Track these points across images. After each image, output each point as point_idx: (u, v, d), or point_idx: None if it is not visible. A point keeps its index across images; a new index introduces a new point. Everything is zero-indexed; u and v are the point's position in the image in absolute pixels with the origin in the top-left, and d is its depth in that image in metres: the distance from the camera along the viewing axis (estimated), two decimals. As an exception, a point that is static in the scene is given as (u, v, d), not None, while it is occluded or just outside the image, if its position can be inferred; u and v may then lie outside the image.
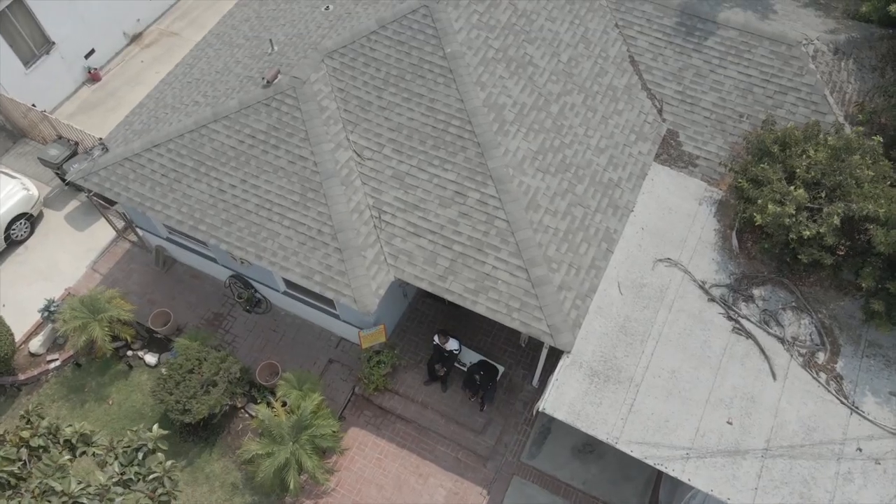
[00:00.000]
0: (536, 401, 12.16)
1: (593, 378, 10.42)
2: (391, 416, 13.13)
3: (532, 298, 10.74)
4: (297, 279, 11.26)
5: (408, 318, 13.93)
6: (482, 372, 12.17)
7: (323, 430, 11.45)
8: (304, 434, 11.32)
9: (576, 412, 10.15)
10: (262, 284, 13.40)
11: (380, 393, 13.15)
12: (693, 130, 12.74)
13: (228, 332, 13.97)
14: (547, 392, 10.34)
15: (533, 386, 13.30)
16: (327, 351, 13.70)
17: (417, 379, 13.19)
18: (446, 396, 13.00)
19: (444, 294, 11.00)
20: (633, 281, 11.28)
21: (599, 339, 10.75)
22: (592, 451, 12.47)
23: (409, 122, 11.87)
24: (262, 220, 11.61)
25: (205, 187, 11.96)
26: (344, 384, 13.36)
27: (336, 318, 12.95)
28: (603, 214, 11.68)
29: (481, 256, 11.04)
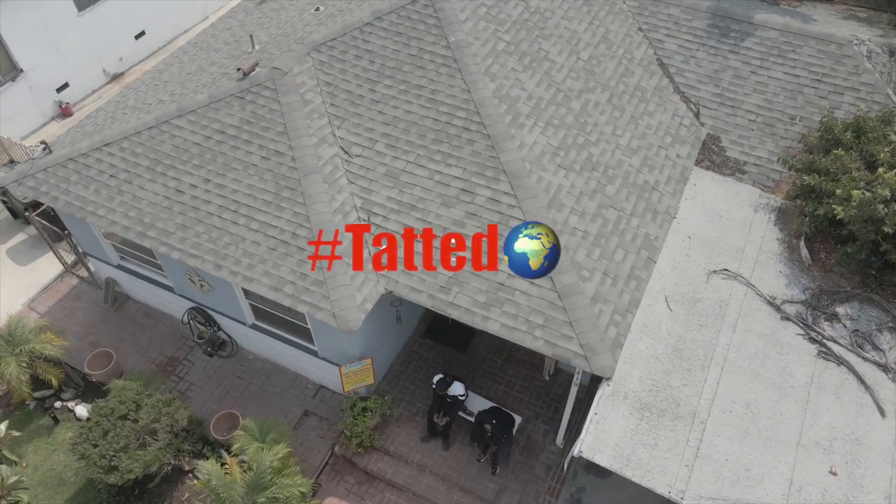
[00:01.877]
0: (562, 462, 9.60)
1: (643, 412, 7.92)
2: (379, 483, 10.37)
3: (559, 312, 8.43)
4: (263, 291, 8.99)
5: (402, 362, 11.46)
6: (494, 421, 9.60)
7: (287, 492, 8.73)
8: (261, 496, 8.59)
9: (623, 457, 7.57)
10: (225, 317, 11.06)
11: (365, 452, 10.46)
12: (737, 135, 10.94)
13: (183, 378, 11.46)
14: (585, 431, 7.80)
15: (557, 445, 10.65)
16: (302, 401, 11.13)
17: (413, 435, 10.55)
18: (449, 456, 10.31)
19: (448, 310, 8.70)
20: (683, 295, 9.01)
21: (647, 363, 8.34)
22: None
23: (407, 116, 10.07)
24: (224, 224, 9.51)
25: (159, 188, 9.96)
26: (321, 442, 10.69)
27: (314, 355, 10.52)
28: (640, 219, 9.61)
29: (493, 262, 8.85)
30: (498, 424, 9.58)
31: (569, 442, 10.63)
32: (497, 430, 9.52)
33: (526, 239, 8.31)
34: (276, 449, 9.09)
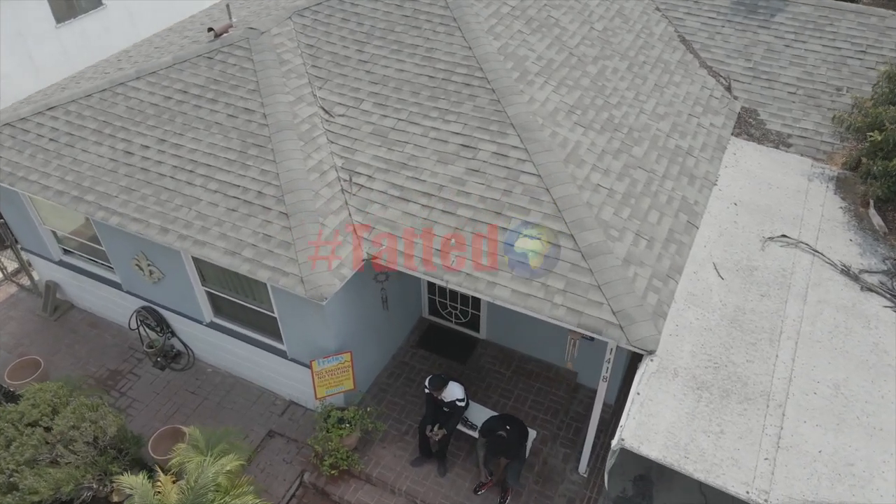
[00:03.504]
0: (585, 494, 7.63)
1: (700, 392, 6.03)
2: (357, 520, 8.23)
3: (584, 274, 6.71)
4: (216, 257, 7.28)
5: (390, 374, 9.53)
6: (509, 427, 7.63)
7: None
8: (197, 514, 6.53)
9: (680, 447, 5.63)
10: (179, 316, 9.24)
11: (341, 478, 8.38)
12: (777, 107, 9.57)
13: (124, 394, 9.49)
14: (625, 415, 5.88)
15: (580, 475, 8.58)
16: (267, 419, 9.12)
17: (401, 457, 8.49)
18: (446, 484, 8.22)
19: (445, 276, 6.96)
20: (736, 263, 7.30)
21: (700, 335, 6.52)
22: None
23: (398, 74, 8.71)
24: (177, 185, 7.92)
25: (106, 150, 8.44)
26: (287, 468, 8.61)
27: (282, 356, 8.63)
28: (675, 182, 8.03)
29: (500, 222, 7.20)
30: (513, 430, 7.60)
31: (594, 470, 8.57)
32: (513, 437, 7.52)
33: (525, 239, 6.91)
34: (224, 461, 7.08)
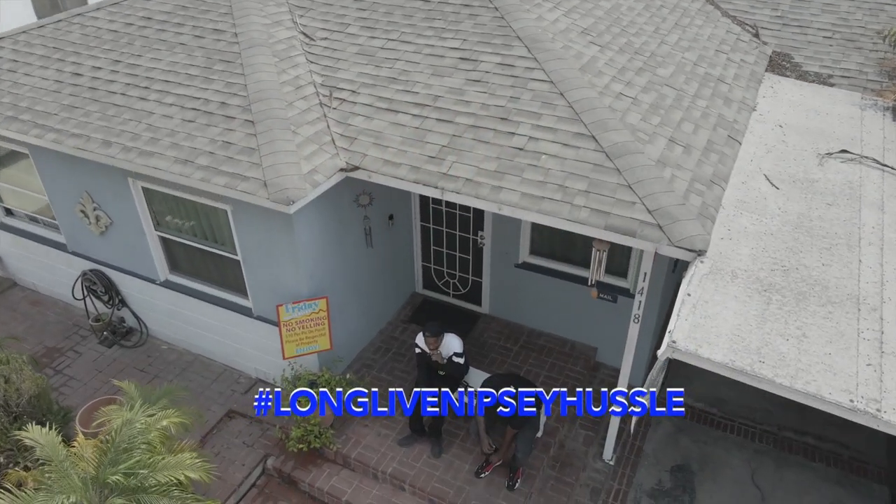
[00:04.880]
0: (612, 486, 6.24)
1: (770, 294, 4.67)
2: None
3: (610, 174, 5.48)
4: (165, 167, 6.05)
5: (376, 349, 8.08)
6: (515, 386, 6.16)
7: (164, 473, 5.12)
8: (115, 471, 4.99)
9: (753, 350, 4.23)
10: (130, 276, 7.88)
11: (311, 461, 6.82)
12: (812, 51, 8.58)
13: (60, 371, 8.01)
14: (675, 318, 4.49)
15: (606, 462, 7.03)
16: (228, 398, 7.61)
17: (387, 436, 6.95)
18: (441, 466, 6.65)
19: (440, 183, 5.71)
20: (791, 175, 6.07)
21: (759, 240, 5.21)
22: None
23: (389, 0, 7.76)
24: (128, 101, 6.79)
25: (52, 73, 7.37)
26: (247, 452, 7.05)
27: (247, 315, 7.22)
28: (709, 101, 6.90)
29: (507, 127, 6.03)
30: (522, 388, 6.12)
31: (623, 460, 7.04)
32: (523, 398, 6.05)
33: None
34: (160, 415, 5.61)
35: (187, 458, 5.33)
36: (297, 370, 6.79)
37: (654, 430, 7.58)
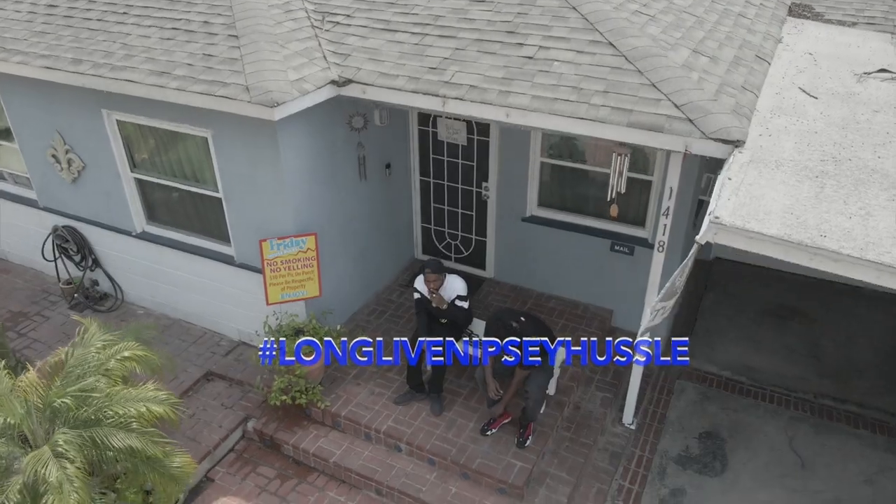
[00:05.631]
0: (634, 452, 5.61)
1: (823, 179, 4.07)
2: (318, 477, 5.85)
3: (631, 75, 4.94)
4: (138, 80, 5.48)
5: (370, 311, 7.40)
6: (524, 319, 5.48)
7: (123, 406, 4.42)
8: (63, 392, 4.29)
9: (811, 227, 3.60)
10: (105, 230, 7.26)
11: (296, 422, 6.09)
12: (833, 2, 8.14)
13: (23, 335, 7.32)
14: (716, 197, 3.86)
15: (626, 426, 6.31)
16: (206, 360, 6.90)
17: (380, 394, 6.22)
18: (442, 424, 5.91)
19: (441, 91, 5.15)
20: (828, 90, 5.52)
21: (803, 137, 4.63)
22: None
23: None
24: (104, 25, 6.29)
25: (25, 6, 6.89)
26: (226, 414, 6.31)
27: (230, 263, 6.58)
28: (732, 28, 6.39)
29: (515, 39, 5.51)
30: (528, 324, 5.43)
31: (645, 427, 6.33)
32: (527, 330, 5.35)
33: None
34: (123, 346, 4.93)
35: (150, 389, 4.63)
36: (281, 319, 6.10)
37: (677, 398, 6.85)
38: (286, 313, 6.09)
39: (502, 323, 5.31)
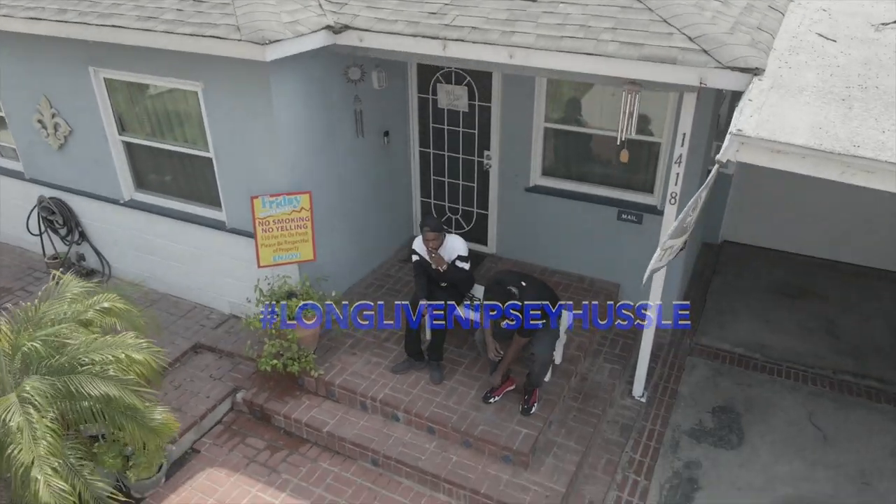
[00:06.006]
0: (644, 425, 5.37)
1: (850, 102, 3.80)
2: (310, 448, 5.51)
3: (639, 12, 4.72)
4: (125, 25, 5.24)
5: (368, 285, 7.10)
6: (524, 283, 5.17)
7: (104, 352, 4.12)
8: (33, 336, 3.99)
9: (841, 138, 3.33)
10: (92, 199, 6.99)
11: (289, 392, 5.78)
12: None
13: (4, 308, 7.00)
14: (738, 114, 3.59)
15: (636, 399, 5.99)
16: (195, 333, 6.58)
17: (378, 364, 5.90)
18: (442, 393, 5.58)
19: (441, 34, 4.91)
20: (847, 35, 5.27)
21: (825, 70, 4.37)
22: None
23: None
24: (93, -18, 6.07)
25: (13, -33, 6.69)
26: (214, 385, 5.98)
27: (221, 229, 6.29)
28: (742, -15, 6.17)
29: (520, -16, 5.28)
30: (529, 288, 5.13)
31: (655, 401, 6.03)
32: (529, 294, 5.05)
33: None
34: (103, 297, 4.64)
35: (130, 337, 4.32)
36: (272, 284, 5.80)
37: (688, 374, 6.52)
38: (278, 276, 5.79)
39: (502, 287, 5.01)
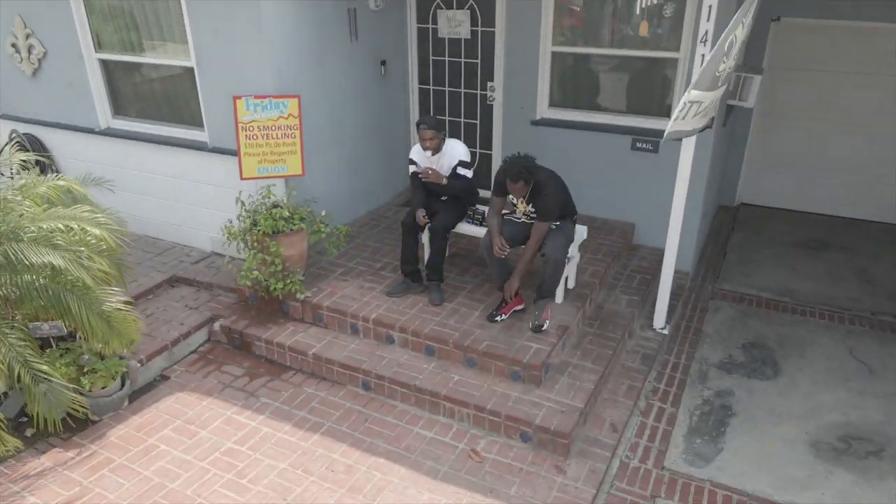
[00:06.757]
0: (668, 359, 4.94)
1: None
2: (293, 374, 4.90)
3: None
4: None
5: (363, 224, 6.57)
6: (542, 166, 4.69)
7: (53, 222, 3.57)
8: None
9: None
10: (67, 131, 6.51)
11: (272, 318, 5.23)
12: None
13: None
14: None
15: (658, 332, 5.41)
16: (173, 268, 6.02)
17: (371, 289, 5.32)
18: (443, 312, 4.99)
19: None
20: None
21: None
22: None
23: None
24: None
25: None
26: (190, 314, 5.40)
27: (202, 150, 5.80)
28: None
29: None
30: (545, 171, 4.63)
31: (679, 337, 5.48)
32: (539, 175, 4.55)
33: None
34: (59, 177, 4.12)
35: (85, 209, 3.78)
36: (254, 199, 5.26)
37: (712, 315, 5.96)
38: (263, 187, 5.26)
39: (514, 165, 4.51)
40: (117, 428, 4.30)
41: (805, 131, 7.72)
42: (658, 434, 4.40)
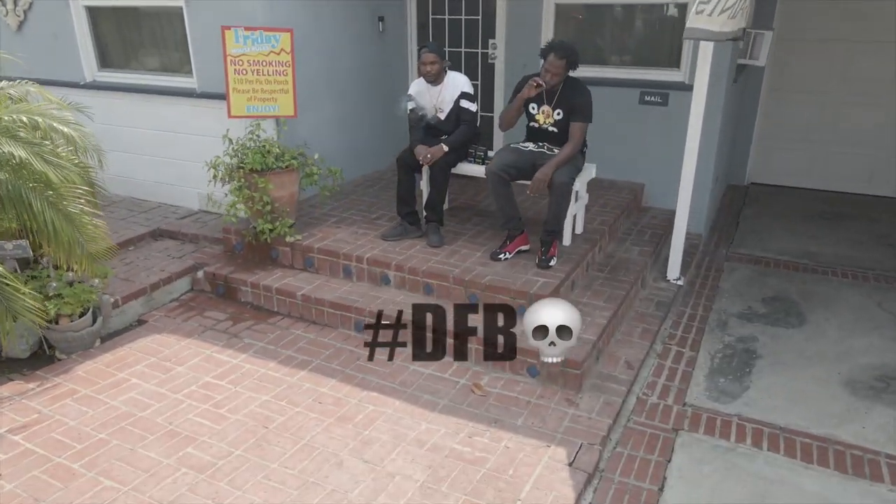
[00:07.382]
0: (685, 311, 4.67)
1: None
2: (280, 319, 4.54)
3: None
4: None
5: (359, 184, 6.26)
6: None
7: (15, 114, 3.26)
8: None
9: None
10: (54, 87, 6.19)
11: (260, 266, 4.89)
12: None
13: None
14: None
15: (672, 283, 5.07)
16: (157, 223, 5.69)
17: (365, 235, 4.98)
18: (443, 253, 4.65)
19: None
20: None
21: None
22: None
23: None
24: None
25: None
26: (171, 262, 5.05)
27: (191, 97, 5.52)
28: None
29: None
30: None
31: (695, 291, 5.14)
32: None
33: None
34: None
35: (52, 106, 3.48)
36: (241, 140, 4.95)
37: (728, 274, 5.60)
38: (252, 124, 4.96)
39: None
40: (86, 364, 3.93)
41: (817, 105, 7.45)
42: (678, 374, 4.02)
